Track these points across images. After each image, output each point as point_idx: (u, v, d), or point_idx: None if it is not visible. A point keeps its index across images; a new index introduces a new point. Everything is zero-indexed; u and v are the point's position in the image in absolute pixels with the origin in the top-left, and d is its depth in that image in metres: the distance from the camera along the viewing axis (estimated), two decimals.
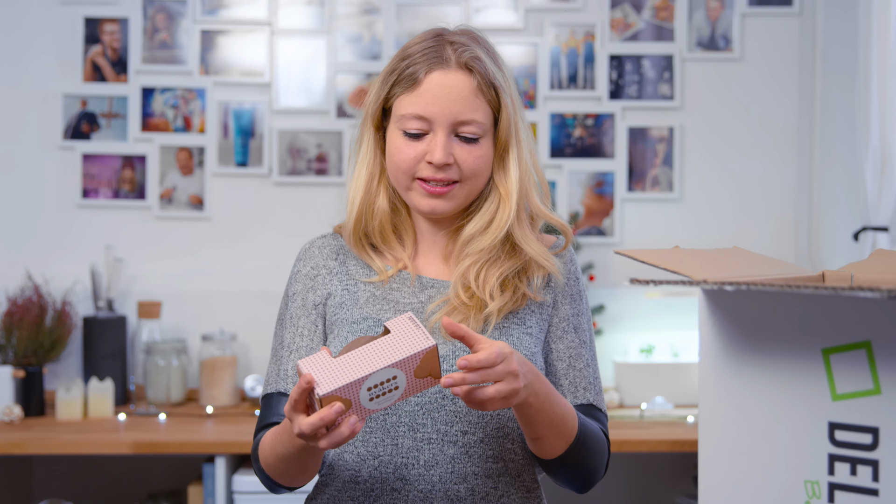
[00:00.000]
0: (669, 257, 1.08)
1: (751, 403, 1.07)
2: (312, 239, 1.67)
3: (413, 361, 1.32)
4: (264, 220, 3.46)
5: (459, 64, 1.51)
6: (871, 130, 2.95)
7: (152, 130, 3.46)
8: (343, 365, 1.31)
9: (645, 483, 3.39)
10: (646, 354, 3.36)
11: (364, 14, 3.48)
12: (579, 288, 1.63)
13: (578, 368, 1.59)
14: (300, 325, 1.60)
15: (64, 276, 3.38)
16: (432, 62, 1.51)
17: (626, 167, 3.50)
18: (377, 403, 1.33)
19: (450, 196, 1.53)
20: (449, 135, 1.51)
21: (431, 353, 1.32)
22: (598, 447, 1.54)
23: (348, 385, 1.30)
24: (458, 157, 1.51)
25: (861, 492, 1.00)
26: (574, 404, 1.58)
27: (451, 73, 1.51)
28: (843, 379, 1.01)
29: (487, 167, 1.54)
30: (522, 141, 1.56)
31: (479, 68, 1.51)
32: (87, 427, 2.99)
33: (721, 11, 3.49)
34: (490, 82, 1.51)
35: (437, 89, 1.50)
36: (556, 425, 1.45)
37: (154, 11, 3.46)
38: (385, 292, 1.58)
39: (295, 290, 1.62)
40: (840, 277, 1.17)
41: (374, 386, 1.31)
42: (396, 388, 1.32)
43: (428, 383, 1.34)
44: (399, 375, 1.32)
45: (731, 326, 1.08)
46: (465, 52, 1.52)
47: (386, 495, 1.50)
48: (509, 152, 1.55)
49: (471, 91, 1.51)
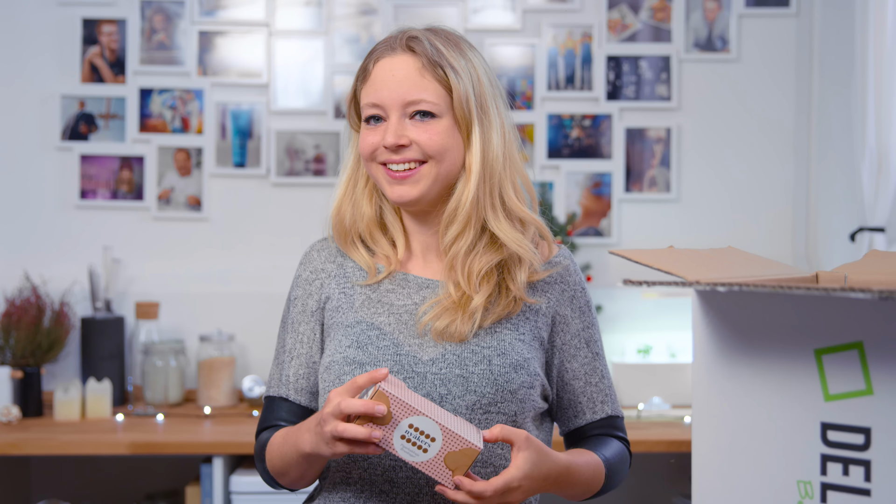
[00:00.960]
0: (663, 258, 1.08)
1: (744, 404, 1.07)
2: (313, 242, 1.69)
3: (456, 443, 1.34)
4: (262, 220, 3.47)
5: (403, 47, 1.54)
6: (867, 131, 2.95)
7: (150, 131, 3.46)
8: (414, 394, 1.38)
9: (642, 483, 3.39)
10: (643, 355, 3.36)
11: (362, 15, 3.48)
12: (586, 299, 1.64)
13: (594, 383, 1.63)
14: (300, 330, 1.62)
15: (62, 276, 3.38)
16: (382, 51, 1.55)
17: (623, 168, 3.50)
18: (401, 447, 1.34)
19: (414, 179, 1.53)
20: (402, 116, 1.53)
21: (472, 452, 1.35)
22: (621, 469, 1.62)
23: (403, 402, 1.33)
24: (414, 137, 1.52)
25: (853, 492, 1.00)
26: (593, 420, 1.63)
27: (396, 57, 1.54)
28: (835, 379, 1.01)
29: (451, 144, 1.54)
30: (493, 126, 1.55)
31: (420, 49, 1.53)
32: (85, 427, 2.99)
33: (718, 12, 3.50)
34: (434, 60, 1.52)
35: (385, 74, 1.53)
36: (578, 492, 1.53)
37: (152, 12, 3.46)
38: (380, 294, 1.58)
39: (296, 295, 1.64)
40: (833, 278, 1.17)
41: (416, 428, 1.34)
42: (425, 452, 1.34)
43: (444, 477, 1.36)
44: (437, 442, 1.34)
45: (725, 327, 1.08)
46: (411, 38, 1.55)
47: (374, 497, 1.51)
48: (472, 131, 1.54)
49: (415, 70, 1.52)
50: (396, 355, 1.52)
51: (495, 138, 1.55)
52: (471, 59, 1.56)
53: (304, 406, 1.60)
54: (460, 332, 1.51)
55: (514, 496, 1.39)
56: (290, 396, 1.60)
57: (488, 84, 1.56)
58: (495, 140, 1.55)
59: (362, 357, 1.52)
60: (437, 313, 1.53)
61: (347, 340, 1.54)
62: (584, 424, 1.63)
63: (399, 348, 1.52)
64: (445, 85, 1.53)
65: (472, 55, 1.57)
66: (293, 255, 3.56)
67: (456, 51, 1.55)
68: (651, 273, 1.11)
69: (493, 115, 1.55)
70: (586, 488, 1.53)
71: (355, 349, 1.53)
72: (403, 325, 1.55)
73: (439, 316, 1.52)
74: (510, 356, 1.53)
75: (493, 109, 1.56)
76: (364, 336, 1.54)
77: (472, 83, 1.54)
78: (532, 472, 1.39)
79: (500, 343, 1.53)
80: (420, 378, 1.50)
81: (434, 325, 1.52)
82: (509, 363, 1.52)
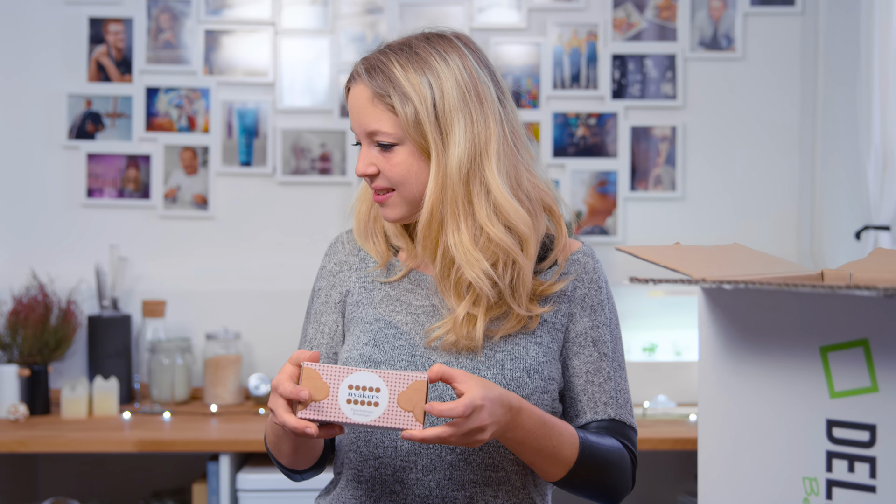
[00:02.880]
0: (670, 254, 1.09)
1: (750, 401, 1.07)
2: (339, 234, 1.69)
3: (400, 382, 1.33)
4: (268, 219, 3.48)
5: (357, 74, 1.53)
6: (872, 129, 2.95)
7: (156, 130, 3.47)
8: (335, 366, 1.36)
9: (648, 481, 3.39)
10: (648, 353, 3.37)
11: (367, 14, 3.49)
12: (601, 298, 1.60)
13: (597, 384, 1.57)
14: (322, 321, 1.63)
15: (69, 275, 3.39)
16: (350, 77, 1.55)
17: (628, 166, 3.50)
18: (353, 411, 1.32)
19: (388, 204, 1.54)
20: (370, 145, 1.52)
21: (420, 384, 1.32)
22: (612, 465, 1.51)
23: (331, 368, 1.33)
24: (379, 166, 1.52)
25: (859, 488, 1.01)
26: (594, 420, 1.55)
27: (356, 87, 1.53)
28: (841, 377, 1.02)
29: (413, 171, 1.50)
30: (453, 139, 1.48)
31: (371, 76, 1.50)
32: (92, 425, 3.00)
33: (723, 11, 3.50)
34: (380, 90, 1.49)
35: (351, 103, 1.54)
36: (545, 454, 1.44)
37: (158, 11, 3.47)
38: (399, 293, 1.58)
39: (320, 286, 1.65)
40: (839, 276, 1.17)
41: (356, 387, 1.32)
42: (376, 405, 1.32)
43: (407, 421, 1.33)
44: (383, 391, 1.32)
45: (731, 324, 1.09)
46: (367, 66, 1.52)
47: (385, 497, 1.51)
48: (430, 151, 1.49)
49: (366, 101, 1.51)
50: (412, 356, 1.52)
51: (455, 156, 1.48)
52: (439, 71, 1.49)
53: None
54: (468, 347, 1.51)
55: (482, 416, 1.33)
56: None
57: (458, 97, 1.49)
58: (456, 158, 1.48)
59: (378, 355, 1.52)
60: (443, 334, 1.52)
61: (365, 337, 1.54)
62: (583, 424, 1.56)
63: (414, 349, 1.52)
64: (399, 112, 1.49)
65: (444, 65, 1.50)
66: (299, 253, 3.58)
67: (417, 67, 1.49)
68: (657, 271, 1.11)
69: (456, 133, 1.48)
70: (553, 452, 1.44)
71: (371, 346, 1.53)
72: (420, 327, 1.55)
73: (447, 333, 1.52)
74: (524, 360, 1.51)
75: (459, 125, 1.48)
76: (381, 334, 1.54)
77: (427, 102, 1.48)
78: (487, 394, 1.33)
79: (514, 347, 1.52)
80: None
81: (445, 339, 1.51)
82: (522, 368, 1.51)
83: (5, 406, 3.07)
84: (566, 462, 1.46)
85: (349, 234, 1.67)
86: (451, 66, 1.50)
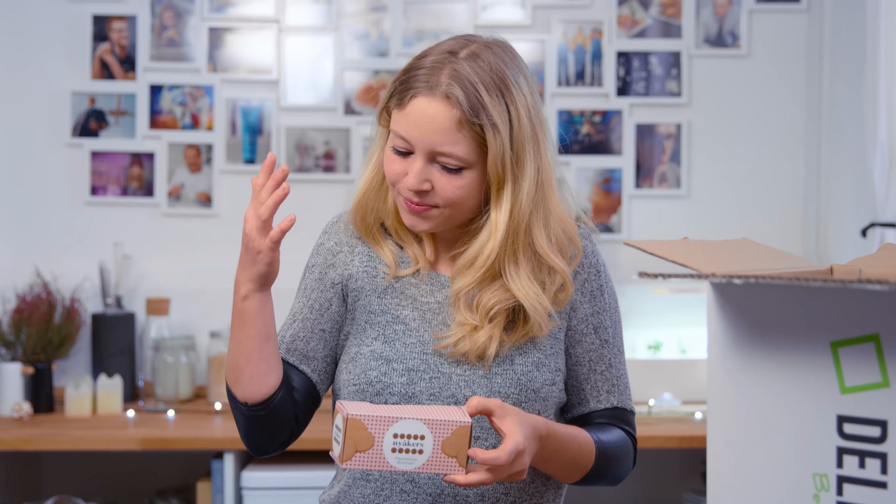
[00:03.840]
0: (678, 249, 1.08)
1: (759, 396, 1.07)
2: (340, 213, 1.64)
3: (445, 429, 1.31)
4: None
5: (444, 94, 1.43)
6: (878, 127, 2.94)
7: (160, 128, 3.47)
8: (380, 406, 1.34)
9: (653, 480, 3.39)
10: (653, 351, 3.36)
11: (371, 11, 3.48)
12: (600, 283, 1.59)
13: (600, 371, 1.57)
14: (312, 297, 1.59)
15: (73, 273, 3.39)
16: (421, 86, 1.44)
17: (633, 164, 3.50)
18: (398, 459, 1.31)
19: (427, 216, 1.49)
20: (428, 162, 1.45)
21: (464, 429, 1.32)
22: (621, 458, 1.55)
23: (376, 417, 1.30)
24: (436, 184, 1.46)
25: (870, 485, 1.00)
26: (597, 409, 1.57)
27: (434, 103, 1.43)
28: (851, 372, 1.01)
29: (470, 197, 1.48)
30: (525, 176, 1.46)
31: (463, 102, 1.42)
32: (96, 423, 3.00)
33: (728, 8, 3.49)
34: (472, 118, 1.43)
35: (418, 116, 1.44)
36: (566, 468, 1.48)
37: (162, 9, 3.47)
38: (403, 286, 1.56)
39: (314, 262, 1.61)
40: (848, 271, 1.17)
41: (401, 435, 1.31)
42: (421, 452, 1.31)
43: (451, 467, 1.32)
44: (427, 438, 1.31)
45: (740, 320, 1.08)
46: (452, 85, 1.43)
47: (395, 496, 1.50)
48: (504, 187, 1.46)
49: (451, 124, 1.43)
50: (423, 354, 1.51)
51: (526, 187, 1.46)
52: (516, 97, 1.46)
53: (293, 364, 1.56)
54: (479, 356, 1.50)
55: (524, 461, 1.35)
56: (280, 354, 1.56)
57: (528, 126, 1.46)
58: (526, 190, 1.46)
59: (389, 353, 1.51)
60: (453, 343, 1.51)
61: (374, 332, 1.53)
62: (586, 413, 1.58)
63: (425, 346, 1.51)
64: (480, 141, 1.44)
65: (517, 90, 1.47)
66: (302, 250, 3.55)
67: (499, 93, 1.45)
68: (666, 266, 1.11)
69: (527, 165, 1.46)
70: (573, 463, 1.48)
71: (381, 343, 1.52)
72: (427, 325, 1.53)
73: (456, 344, 1.50)
74: (532, 354, 1.51)
75: (529, 156, 1.46)
76: (390, 329, 1.52)
77: (511, 135, 1.44)
78: (526, 433, 1.35)
79: (522, 342, 1.52)
80: (445, 379, 1.49)
81: (455, 349, 1.50)
82: (532, 362, 1.51)
83: (9, 404, 3.06)
84: (584, 468, 1.51)
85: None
86: (523, 89, 1.48)
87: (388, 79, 3.46)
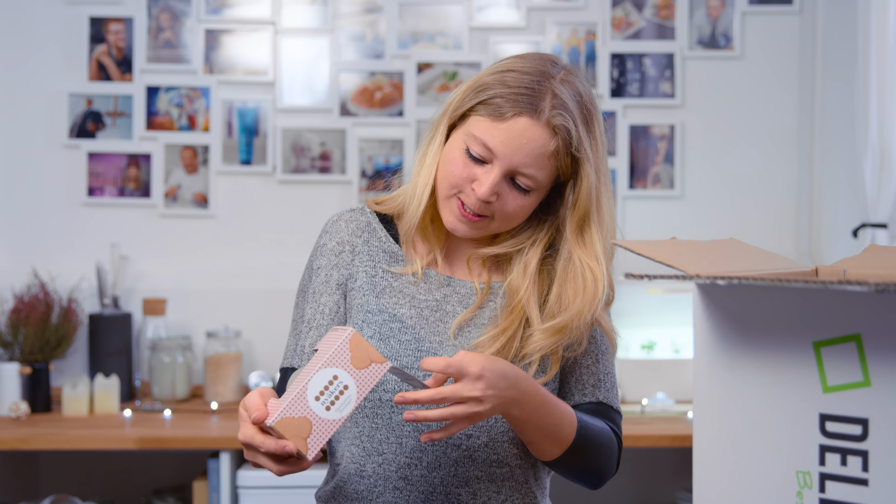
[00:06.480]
0: (665, 250, 1.09)
1: (744, 396, 1.08)
2: (340, 212, 1.65)
3: (342, 354, 1.30)
4: (268, 217, 3.49)
5: (549, 123, 1.47)
6: (870, 128, 2.96)
7: (157, 129, 3.48)
8: (286, 393, 1.32)
9: (646, 478, 3.40)
10: (647, 350, 3.38)
11: (367, 13, 3.50)
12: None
13: (586, 365, 1.56)
14: (322, 301, 1.58)
15: (70, 273, 3.40)
16: (525, 106, 1.46)
17: (627, 165, 3.51)
18: (338, 410, 1.30)
19: (477, 226, 1.51)
20: (504, 176, 1.48)
21: (355, 339, 1.31)
22: (602, 448, 1.51)
23: (292, 403, 1.29)
24: (502, 199, 1.49)
25: (851, 482, 1.01)
26: (582, 402, 1.55)
27: (537, 128, 1.46)
28: (833, 371, 1.02)
29: (525, 216, 1.53)
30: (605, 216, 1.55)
31: (564, 135, 1.47)
32: (93, 423, 3.01)
33: (722, 10, 3.51)
34: (564, 152, 1.49)
35: (518, 135, 1.46)
36: (547, 432, 1.43)
37: (158, 11, 3.48)
38: (402, 284, 1.57)
39: (320, 265, 1.60)
40: (832, 272, 1.18)
41: (320, 393, 1.29)
42: (347, 388, 1.30)
43: (376, 371, 1.31)
44: (339, 374, 1.30)
45: (725, 320, 1.09)
46: (560, 115, 1.47)
47: (388, 492, 1.50)
48: (590, 224, 1.53)
49: (546, 151, 1.47)
50: (417, 351, 1.51)
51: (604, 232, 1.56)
52: (597, 136, 1.53)
53: None
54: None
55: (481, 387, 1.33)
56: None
57: (604, 165, 1.55)
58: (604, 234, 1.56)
59: (384, 350, 1.51)
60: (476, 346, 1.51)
61: (370, 330, 1.53)
62: (571, 405, 1.53)
63: (420, 344, 1.52)
64: (563, 173, 1.51)
65: (598, 129, 1.53)
66: (299, 251, 3.58)
67: (586, 124, 1.51)
68: (653, 267, 1.12)
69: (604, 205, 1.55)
70: (554, 429, 1.44)
71: (377, 341, 1.52)
72: (424, 321, 1.54)
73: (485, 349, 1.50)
74: (498, 364, 1.51)
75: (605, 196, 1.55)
76: (386, 328, 1.52)
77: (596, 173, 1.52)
78: (490, 365, 1.34)
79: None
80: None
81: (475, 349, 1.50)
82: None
83: (7, 404, 3.08)
84: (565, 441, 1.45)
85: (353, 214, 1.64)
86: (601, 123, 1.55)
87: (384, 80, 3.48)
